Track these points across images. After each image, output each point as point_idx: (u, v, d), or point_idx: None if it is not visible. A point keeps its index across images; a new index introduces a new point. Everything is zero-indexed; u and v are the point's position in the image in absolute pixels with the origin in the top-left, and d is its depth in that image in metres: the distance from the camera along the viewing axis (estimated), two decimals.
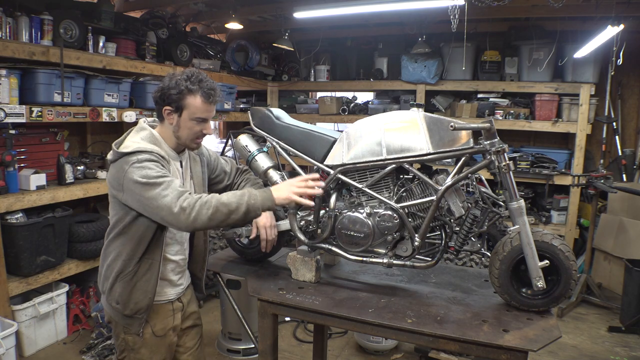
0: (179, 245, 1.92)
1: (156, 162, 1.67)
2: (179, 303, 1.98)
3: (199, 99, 1.74)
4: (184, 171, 1.91)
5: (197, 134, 1.80)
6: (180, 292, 1.98)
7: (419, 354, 3.43)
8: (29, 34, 3.30)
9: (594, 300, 4.43)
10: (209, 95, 1.76)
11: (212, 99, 1.77)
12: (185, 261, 1.99)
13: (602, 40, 4.00)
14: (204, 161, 2.05)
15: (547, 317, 1.75)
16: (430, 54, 5.30)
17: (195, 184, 1.97)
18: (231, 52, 5.68)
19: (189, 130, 1.78)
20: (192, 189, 1.95)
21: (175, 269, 1.92)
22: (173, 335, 1.94)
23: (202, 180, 2.01)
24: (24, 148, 3.64)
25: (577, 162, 4.91)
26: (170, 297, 1.93)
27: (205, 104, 1.76)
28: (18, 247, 3.23)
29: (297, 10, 4.24)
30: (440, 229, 1.91)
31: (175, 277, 1.93)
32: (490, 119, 1.77)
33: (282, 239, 2.28)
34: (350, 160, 1.95)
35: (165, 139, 1.82)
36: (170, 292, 1.93)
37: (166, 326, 1.90)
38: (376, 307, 1.83)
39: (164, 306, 1.90)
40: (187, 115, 1.75)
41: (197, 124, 1.77)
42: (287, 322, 4.03)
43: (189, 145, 1.85)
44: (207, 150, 2.12)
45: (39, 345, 3.46)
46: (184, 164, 1.92)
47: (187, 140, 1.81)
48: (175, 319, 1.94)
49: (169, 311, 1.92)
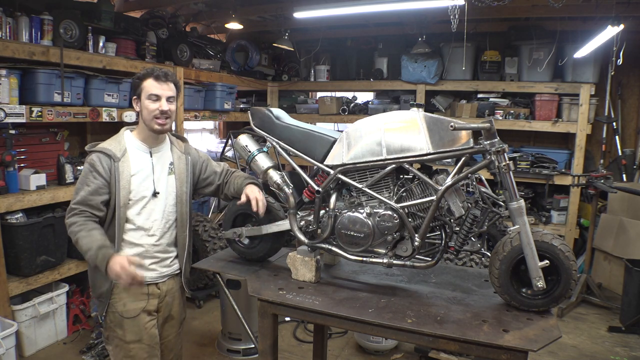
0: (141, 231, 2.03)
1: (91, 171, 1.93)
2: (157, 289, 2.08)
3: (151, 80, 1.98)
4: (156, 161, 2.07)
5: (154, 113, 1.97)
6: (155, 277, 2.07)
7: (419, 354, 3.43)
8: (29, 34, 3.30)
9: (594, 300, 4.43)
10: (158, 75, 1.99)
11: (163, 78, 1.99)
12: (157, 249, 2.07)
13: (602, 40, 4.00)
14: (190, 160, 2.18)
15: (547, 317, 1.75)
16: (430, 54, 5.31)
17: (177, 179, 2.12)
18: (231, 52, 5.68)
19: (147, 109, 1.98)
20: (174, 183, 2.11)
21: (143, 254, 2.02)
22: (148, 318, 2.04)
23: (185, 177, 2.15)
24: (24, 148, 3.64)
25: (577, 162, 4.92)
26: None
27: (156, 82, 1.98)
28: (18, 247, 3.23)
29: (297, 10, 4.24)
30: (440, 229, 1.91)
31: (146, 261, 2.00)
32: (490, 119, 1.77)
33: (282, 239, 2.28)
34: (350, 160, 1.95)
35: (138, 133, 2.06)
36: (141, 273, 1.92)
37: (137, 307, 2.01)
38: (376, 307, 1.83)
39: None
40: (144, 96, 1.98)
41: (152, 102, 1.97)
42: (287, 322, 4.03)
43: (152, 127, 2.00)
44: (197, 152, 2.27)
45: (39, 345, 3.46)
46: (157, 155, 2.08)
47: (149, 121, 1.99)
48: (149, 304, 2.04)
49: (142, 294, 2.03)
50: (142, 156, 2.04)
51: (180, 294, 2.21)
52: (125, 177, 1.95)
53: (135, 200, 1.99)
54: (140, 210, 2.01)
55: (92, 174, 1.93)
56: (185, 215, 2.15)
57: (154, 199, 2.04)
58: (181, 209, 2.13)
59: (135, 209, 2.00)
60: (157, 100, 1.98)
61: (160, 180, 2.07)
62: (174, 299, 2.17)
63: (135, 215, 2.00)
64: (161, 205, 2.06)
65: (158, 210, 2.06)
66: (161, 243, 2.09)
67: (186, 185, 2.14)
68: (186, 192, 2.14)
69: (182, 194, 2.12)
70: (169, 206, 2.09)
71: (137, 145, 2.04)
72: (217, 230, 4.17)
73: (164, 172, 2.09)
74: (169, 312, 2.16)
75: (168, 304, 2.14)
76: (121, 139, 2.03)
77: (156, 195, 2.04)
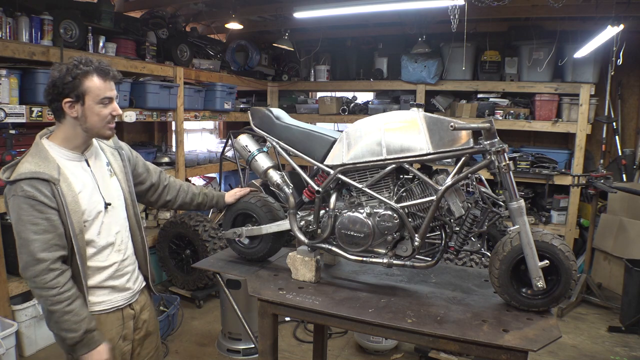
0: (107, 250, 1.75)
1: (33, 206, 1.55)
2: (130, 310, 1.84)
3: (96, 79, 1.63)
4: (94, 168, 1.76)
5: (106, 118, 1.68)
6: (129, 297, 1.83)
7: (419, 354, 3.43)
8: (29, 34, 3.30)
9: (594, 300, 4.43)
10: (105, 72, 1.66)
11: (110, 74, 1.68)
12: (126, 262, 1.83)
13: (602, 40, 4.00)
14: (124, 155, 1.92)
15: (547, 317, 1.75)
16: (430, 54, 5.31)
17: (120, 179, 1.85)
18: (231, 52, 5.68)
19: (97, 116, 1.65)
20: (118, 185, 1.84)
21: (114, 274, 1.77)
22: (124, 344, 1.81)
23: (126, 175, 1.89)
24: (24, 148, 3.62)
25: (577, 162, 4.92)
26: (118, 303, 1.79)
27: (104, 82, 1.65)
28: None
29: (297, 10, 4.24)
30: (440, 229, 1.91)
31: (117, 282, 1.78)
32: (490, 119, 1.77)
33: (282, 239, 2.28)
34: (350, 160, 1.95)
35: (65, 141, 1.68)
36: (117, 298, 1.79)
37: (114, 337, 1.77)
38: (376, 307, 1.83)
39: (109, 315, 1.77)
40: (90, 100, 1.62)
41: (104, 106, 1.66)
42: (287, 322, 4.03)
43: (103, 133, 1.71)
44: (126, 145, 1.99)
45: (39, 345, 3.46)
46: (93, 161, 1.77)
47: (98, 128, 1.68)
48: (125, 327, 1.81)
49: (117, 320, 1.79)
50: (79, 168, 1.70)
51: (151, 305, 1.99)
52: (72, 199, 1.61)
53: (91, 220, 1.69)
54: (99, 229, 1.71)
55: (37, 208, 1.54)
56: (137, 216, 1.91)
57: (107, 211, 1.75)
58: (132, 210, 1.88)
59: (94, 229, 1.70)
60: (110, 103, 1.68)
61: (107, 188, 1.78)
62: (149, 313, 1.95)
63: (96, 236, 1.71)
64: (117, 214, 1.79)
65: (115, 221, 1.78)
66: (128, 255, 1.85)
67: (128, 183, 1.88)
68: (130, 191, 1.89)
69: (128, 194, 1.87)
70: (123, 212, 1.84)
71: (68, 155, 1.68)
72: (217, 230, 4.18)
73: (106, 176, 1.79)
74: (146, 329, 1.93)
75: (145, 321, 1.92)
76: (45, 154, 1.62)
77: (108, 206, 1.75)
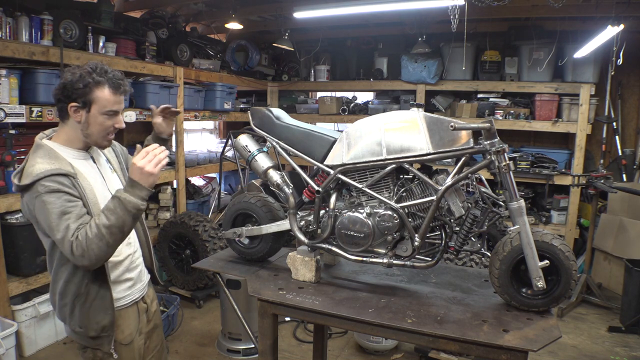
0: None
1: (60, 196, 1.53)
2: (143, 304, 1.92)
3: (107, 91, 1.63)
4: (100, 166, 1.80)
5: (108, 129, 1.69)
6: (142, 288, 1.91)
7: (419, 354, 3.43)
8: (29, 34, 3.30)
9: (594, 300, 4.43)
10: (118, 85, 1.65)
11: (122, 89, 1.68)
12: (136, 254, 1.90)
13: (602, 40, 4.00)
14: (118, 151, 1.97)
15: (547, 317, 1.75)
16: (430, 54, 5.31)
17: (119, 175, 1.88)
18: (231, 52, 5.68)
19: (100, 126, 1.66)
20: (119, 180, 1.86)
21: (129, 267, 1.83)
22: (140, 339, 1.87)
23: (122, 171, 1.92)
24: (24, 148, 3.63)
25: (577, 162, 4.92)
26: (135, 296, 1.86)
27: (114, 95, 1.65)
28: (18, 247, 3.23)
29: (297, 10, 4.24)
30: (440, 229, 1.91)
31: (132, 274, 1.85)
32: (490, 119, 1.77)
33: (282, 239, 2.28)
34: (350, 160, 1.95)
35: (69, 142, 1.70)
36: (134, 291, 1.86)
37: (133, 331, 1.82)
38: (376, 307, 1.83)
39: (128, 310, 1.82)
40: (96, 110, 1.63)
41: (108, 118, 1.66)
42: (287, 322, 4.03)
43: (100, 143, 1.73)
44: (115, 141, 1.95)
45: (39, 345, 3.46)
46: (97, 158, 1.81)
47: (97, 137, 1.69)
48: (140, 321, 1.88)
49: (134, 313, 1.85)
50: (87, 165, 1.74)
51: (156, 297, 2.07)
52: (90, 192, 1.66)
53: None
54: None
55: (65, 197, 1.55)
56: None
57: None
58: None
59: None
60: (114, 115, 1.68)
61: (112, 184, 1.82)
62: (156, 305, 2.02)
63: None
64: None
65: None
66: (137, 247, 1.91)
67: (125, 178, 1.88)
68: None
69: None
70: None
71: (75, 154, 1.71)
72: (217, 230, 4.18)
73: (109, 173, 1.84)
74: (155, 321, 2.00)
75: (154, 313, 1.99)
76: (55, 153, 1.64)
77: None
